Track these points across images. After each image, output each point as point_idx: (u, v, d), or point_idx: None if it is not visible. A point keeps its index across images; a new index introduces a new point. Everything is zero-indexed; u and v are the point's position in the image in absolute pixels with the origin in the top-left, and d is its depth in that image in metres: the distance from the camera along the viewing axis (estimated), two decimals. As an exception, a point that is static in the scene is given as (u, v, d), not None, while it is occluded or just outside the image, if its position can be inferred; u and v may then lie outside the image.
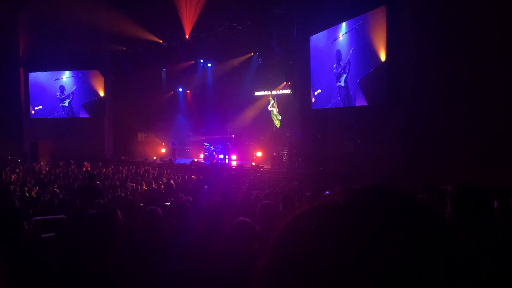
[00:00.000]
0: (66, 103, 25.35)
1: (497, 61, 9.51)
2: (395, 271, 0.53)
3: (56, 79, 25.24)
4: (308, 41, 17.14)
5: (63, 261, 2.79)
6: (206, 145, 23.05)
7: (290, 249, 0.60)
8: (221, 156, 21.03)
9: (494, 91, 9.63)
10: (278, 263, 0.60)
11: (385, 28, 12.66)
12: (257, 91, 22.37)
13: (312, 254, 0.57)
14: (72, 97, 25.26)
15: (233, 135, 22.65)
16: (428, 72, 11.40)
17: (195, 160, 20.43)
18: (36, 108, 25.11)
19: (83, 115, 25.12)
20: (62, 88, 25.37)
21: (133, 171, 16.56)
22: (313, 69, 17.28)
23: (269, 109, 21.43)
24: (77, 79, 25.18)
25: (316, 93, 17.21)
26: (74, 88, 25.23)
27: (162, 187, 12.03)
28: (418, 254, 0.54)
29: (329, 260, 0.55)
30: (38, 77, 24.91)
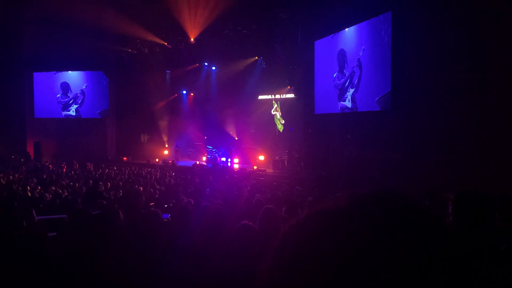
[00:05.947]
0: (72, 111, 24.47)
1: (502, 69, 9.47)
2: (398, 277, 0.53)
3: (56, 72, 24.26)
4: (313, 46, 17.08)
5: (64, 260, 2.79)
6: (209, 148, 23.07)
7: (294, 253, 0.60)
8: (223, 159, 21.04)
9: (498, 99, 9.60)
10: (281, 266, 0.60)
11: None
12: (260, 95, 22.37)
13: (315, 258, 0.57)
14: (82, 100, 24.43)
15: (236, 138, 22.67)
16: (432, 79, 11.38)
17: (198, 162, 20.44)
18: (37, 113, 24.85)
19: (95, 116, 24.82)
20: (65, 87, 24.44)
21: (135, 172, 16.57)
22: (317, 76, 16.80)
23: (272, 113, 21.41)
24: (88, 75, 24.40)
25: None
26: (85, 86, 24.37)
27: (164, 188, 12.03)
28: (422, 261, 0.54)
29: (332, 264, 0.55)
30: (43, 77, 24.88)
